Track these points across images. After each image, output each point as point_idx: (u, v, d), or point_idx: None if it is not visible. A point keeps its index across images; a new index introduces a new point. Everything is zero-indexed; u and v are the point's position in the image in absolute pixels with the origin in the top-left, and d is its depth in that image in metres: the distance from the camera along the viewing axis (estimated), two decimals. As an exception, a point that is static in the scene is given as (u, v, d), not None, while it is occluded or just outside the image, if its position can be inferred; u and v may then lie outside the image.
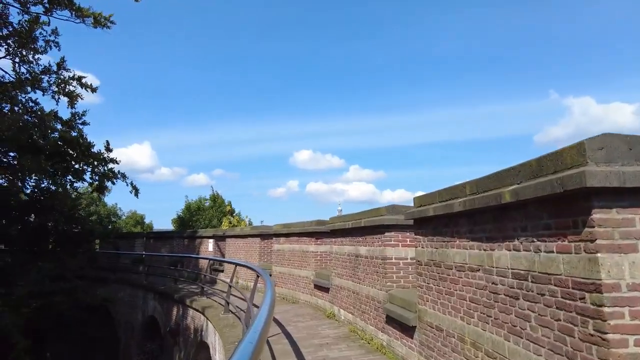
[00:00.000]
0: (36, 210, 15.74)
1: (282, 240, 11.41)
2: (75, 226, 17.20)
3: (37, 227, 15.97)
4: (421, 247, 4.78)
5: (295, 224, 10.80)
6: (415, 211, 4.83)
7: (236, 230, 14.60)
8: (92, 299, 14.64)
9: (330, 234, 8.68)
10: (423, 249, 4.72)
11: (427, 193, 4.70)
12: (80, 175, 15.07)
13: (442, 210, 4.08)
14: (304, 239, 10.16)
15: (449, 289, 4.13)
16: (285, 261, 11.14)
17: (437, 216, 4.29)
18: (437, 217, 4.33)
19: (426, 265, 4.62)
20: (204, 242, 16.77)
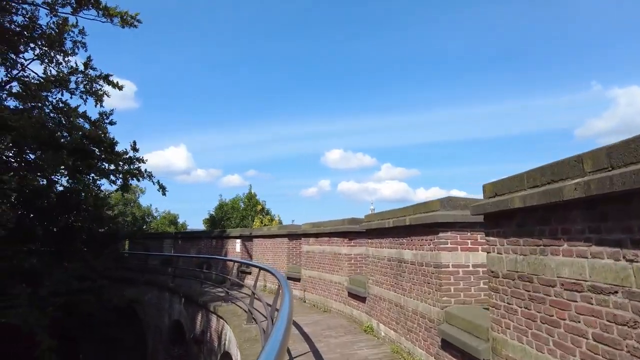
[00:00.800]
0: (63, 210, 15.42)
1: (312, 240, 10.25)
2: (101, 226, 16.82)
3: (64, 227, 15.66)
4: (496, 252, 3.44)
5: (325, 223, 9.60)
6: (487, 203, 3.49)
7: (263, 229, 13.61)
8: (119, 300, 14.07)
9: (366, 234, 7.42)
10: (500, 255, 3.38)
11: (505, 177, 3.36)
12: (104, 173, 14.57)
13: (539, 198, 2.74)
14: (336, 239, 8.94)
15: (548, 315, 2.78)
16: (315, 264, 9.97)
17: (527, 208, 2.95)
18: (526, 210, 2.98)
19: (506, 279, 3.28)
20: (231, 242, 15.91)
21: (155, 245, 21.15)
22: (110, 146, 14.81)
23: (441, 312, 4.62)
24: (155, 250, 20.98)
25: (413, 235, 5.37)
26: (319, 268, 9.76)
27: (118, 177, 15.45)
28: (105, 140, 14.63)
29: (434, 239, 4.80)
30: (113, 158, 14.74)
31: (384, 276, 6.49)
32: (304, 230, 10.66)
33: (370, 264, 7.12)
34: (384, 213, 6.56)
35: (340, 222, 8.85)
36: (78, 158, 13.76)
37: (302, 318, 8.62)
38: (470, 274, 4.66)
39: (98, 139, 14.35)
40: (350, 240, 8.47)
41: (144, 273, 18.49)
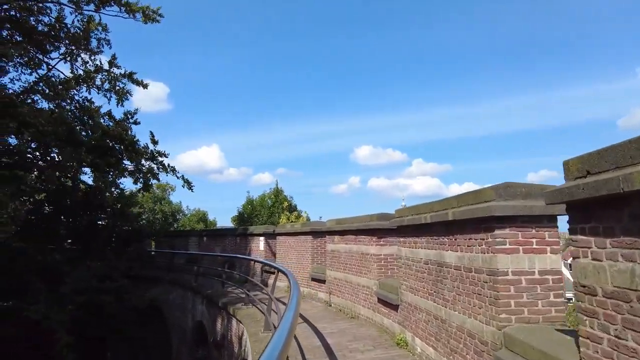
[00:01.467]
0: (86, 208, 15.20)
1: (337, 239, 9.28)
2: (124, 224, 16.55)
3: (87, 225, 15.47)
4: (591, 257, 2.35)
5: (351, 219, 8.60)
6: (576, 186, 2.39)
7: (286, 227, 12.78)
8: (138, 301, 13.64)
9: (398, 231, 6.37)
10: (600, 262, 2.28)
11: (605, 147, 2.26)
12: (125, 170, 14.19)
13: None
14: (363, 237, 7.93)
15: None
16: (341, 265, 9.00)
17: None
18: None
19: (613, 299, 2.18)
20: (255, 240, 15.20)
21: (181, 243, 20.82)
22: (131, 144, 14.43)
23: (497, 332, 3.54)
24: (180, 248, 20.65)
25: (458, 233, 4.29)
26: (345, 269, 8.78)
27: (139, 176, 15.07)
28: (127, 137, 14.24)
29: (486, 237, 3.72)
30: (134, 156, 14.34)
31: (419, 282, 5.43)
32: (328, 227, 9.71)
33: (403, 267, 6.07)
34: (419, 207, 5.49)
35: (368, 217, 7.83)
36: (97, 156, 13.42)
37: (326, 325, 7.68)
38: (537, 284, 3.55)
39: (119, 137, 13.97)
40: (379, 239, 7.44)
41: (169, 272, 18.16)
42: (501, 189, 3.64)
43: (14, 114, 11.14)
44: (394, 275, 7.23)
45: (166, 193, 46.04)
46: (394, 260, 7.34)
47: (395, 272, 7.25)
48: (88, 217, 15.66)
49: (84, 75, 15.84)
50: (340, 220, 9.16)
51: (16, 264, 12.74)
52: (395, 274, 7.21)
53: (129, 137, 14.21)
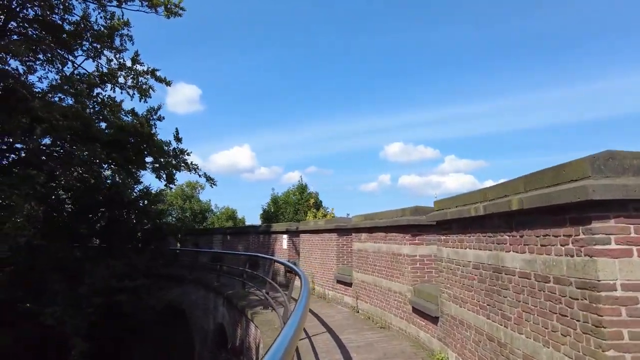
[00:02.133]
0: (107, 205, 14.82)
1: (364, 236, 8.18)
2: (147, 222, 16.10)
3: (107, 223, 15.10)
4: None
5: (380, 214, 7.48)
6: None
7: (309, 224, 11.79)
8: (156, 302, 13.04)
9: (438, 227, 5.21)
10: None
11: None
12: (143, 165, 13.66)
13: None
14: (395, 235, 6.79)
15: None
16: (369, 266, 7.89)
17: None
18: None
19: None
20: (278, 238, 14.32)
21: (206, 241, 20.32)
22: (149, 138, 13.90)
23: (598, 374, 2.36)
24: (205, 246, 20.16)
25: (526, 228, 3.12)
26: (374, 271, 7.67)
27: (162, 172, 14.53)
28: (143, 131, 13.71)
29: (576, 233, 2.54)
30: (154, 151, 13.79)
31: (467, 291, 4.27)
32: (354, 223, 8.62)
33: (445, 271, 4.91)
34: (467, 195, 4.32)
35: (400, 212, 6.68)
36: (114, 151, 12.94)
37: (351, 337, 6.61)
38: (659, 303, 2.34)
39: (135, 131, 13.45)
40: (413, 237, 6.28)
41: (192, 270, 17.65)
42: (600, 161, 2.45)
43: (27, 108, 10.75)
44: (432, 281, 6.06)
45: (196, 191, 46.30)
46: (432, 262, 6.17)
47: (433, 277, 6.08)
48: (109, 215, 15.30)
49: (108, 73, 15.62)
50: (368, 216, 8.05)
51: (37, 262, 12.46)
52: (434, 279, 6.04)
53: (146, 131, 13.67)
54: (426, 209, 6.23)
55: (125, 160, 12.78)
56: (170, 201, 42.74)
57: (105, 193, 14.40)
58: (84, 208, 15.02)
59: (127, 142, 13.22)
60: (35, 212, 10.24)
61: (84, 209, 15.05)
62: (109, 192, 13.46)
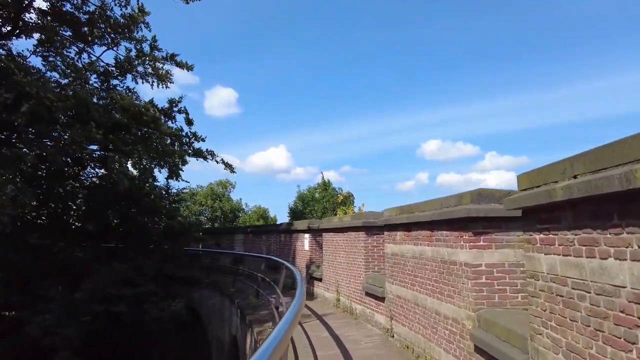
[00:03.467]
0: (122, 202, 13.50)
1: (399, 236, 6.06)
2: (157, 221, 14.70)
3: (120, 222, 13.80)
4: None
5: (423, 205, 5.34)
6: None
7: (333, 221, 9.77)
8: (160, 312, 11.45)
9: (529, 218, 3.05)
10: None
11: None
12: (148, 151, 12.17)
13: None
14: (446, 234, 4.65)
15: None
16: (407, 277, 5.77)
17: None
18: None
19: None
20: (300, 237, 12.44)
21: (227, 241, 18.84)
22: (154, 122, 12.42)
23: None
24: (227, 246, 18.67)
25: None
26: (414, 285, 5.55)
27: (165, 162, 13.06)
28: (149, 115, 12.25)
29: None
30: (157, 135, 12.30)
31: (587, 332, 2.12)
32: (386, 219, 6.52)
33: (545, 296, 2.75)
34: (609, 148, 2.15)
35: (453, 199, 4.53)
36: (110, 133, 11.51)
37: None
38: None
39: (137, 114, 12.00)
40: (475, 236, 4.12)
41: (209, 273, 16.13)
42: None
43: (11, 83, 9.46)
44: (507, 304, 3.89)
45: (227, 190, 45.48)
46: (506, 276, 4.00)
47: (510, 299, 3.91)
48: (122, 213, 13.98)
49: (125, 62, 14.69)
50: (406, 208, 5.93)
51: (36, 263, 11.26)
52: (514, 304, 3.88)
53: (151, 115, 12.19)
54: (495, 192, 4.07)
55: (125, 145, 11.31)
56: (201, 201, 42.17)
57: (119, 190, 13.01)
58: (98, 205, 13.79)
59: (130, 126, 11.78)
60: (21, 193, 8.87)
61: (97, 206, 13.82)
62: (125, 187, 12.01)
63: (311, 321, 7.93)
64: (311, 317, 8.28)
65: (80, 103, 10.92)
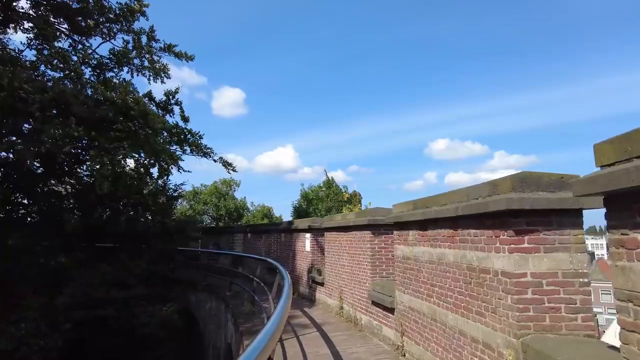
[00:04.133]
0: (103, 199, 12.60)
1: (412, 236, 5.03)
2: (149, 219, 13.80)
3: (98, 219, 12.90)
4: None
5: (443, 197, 4.30)
6: None
7: (336, 218, 8.75)
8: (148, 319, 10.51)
9: (609, 212, 2.02)
10: None
11: None
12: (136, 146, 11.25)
13: None
14: (474, 232, 3.62)
15: None
16: (422, 286, 4.74)
17: None
18: None
19: None
20: (301, 237, 11.45)
21: (226, 241, 17.91)
22: (143, 115, 11.49)
23: None
24: (225, 246, 17.74)
25: None
26: (431, 295, 4.52)
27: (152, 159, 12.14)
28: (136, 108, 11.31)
29: None
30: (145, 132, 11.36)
31: None
32: (396, 215, 5.48)
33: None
34: None
35: (486, 188, 3.49)
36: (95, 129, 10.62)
37: None
38: None
39: (123, 107, 11.07)
40: (518, 236, 3.09)
41: (207, 275, 15.22)
42: None
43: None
44: (563, 329, 2.86)
45: (231, 189, 44.65)
46: (560, 290, 2.97)
47: (566, 323, 2.88)
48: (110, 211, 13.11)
49: (120, 53, 13.93)
50: (420, 202, 4.89)
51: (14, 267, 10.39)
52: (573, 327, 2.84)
53: (141, 107, 11.26)
54: (544, 177, 3.04)
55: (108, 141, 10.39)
56: (205, 200, 41.38)
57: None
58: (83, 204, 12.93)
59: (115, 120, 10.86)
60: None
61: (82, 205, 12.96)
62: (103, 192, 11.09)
63: (310, 333, 6.94)
64: (310, 328, 7.29)
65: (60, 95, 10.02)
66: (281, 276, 5.93)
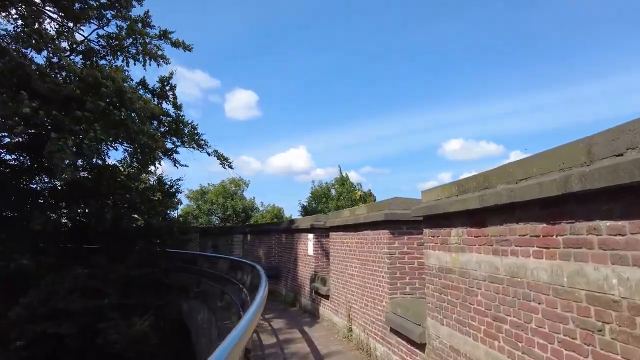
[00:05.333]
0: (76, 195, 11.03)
1: (457, 236, 3.18)
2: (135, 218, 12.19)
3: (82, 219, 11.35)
4: None
5: (516, 166, 2.46)
6: None
7: (342, 215, 6.90)
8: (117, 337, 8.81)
9: None
10: None
11: None
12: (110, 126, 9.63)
13: None
14: (607, 226, 1.77)
15: None
16: (477, 317, 2.89)
17: None
18: None
19: None
20: (302, 238, 9.67)
21: (225, 243, 16.25)
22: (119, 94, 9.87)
23: None
24: (224, 248, 16.08)
25: None
26: (497, 336, 2.66)
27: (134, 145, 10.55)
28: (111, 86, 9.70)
29: None
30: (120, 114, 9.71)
31: None
32: (428, 206, 3.64)
33: None
34: None
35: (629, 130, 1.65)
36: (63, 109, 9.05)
37: None
38: None
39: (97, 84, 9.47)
40: None
41: (200, 281, 13.55)
42: None
43: None
44: None
45: (239, 188, 43.14)
46: None
47: None
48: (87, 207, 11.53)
49: (113, 36, 12.69)
50: (471, 181, 3.05)
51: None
52: None
53: (116, 86, 9.64)
54: None
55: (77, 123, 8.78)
56: (212, 199, 39.92)
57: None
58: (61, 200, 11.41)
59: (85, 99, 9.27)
60: None
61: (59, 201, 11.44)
62: (69, 178, 9.47)
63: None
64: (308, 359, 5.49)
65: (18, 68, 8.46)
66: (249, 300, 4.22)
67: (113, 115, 9.38)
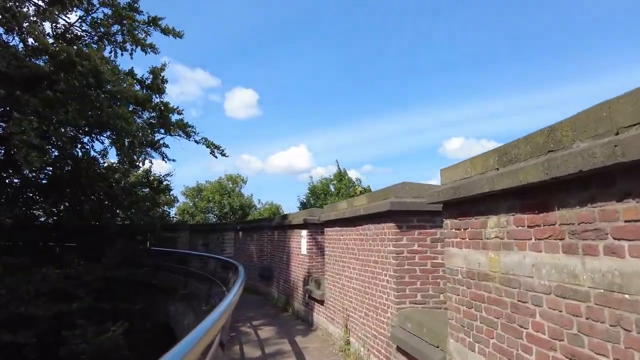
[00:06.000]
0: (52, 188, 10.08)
1: (497, 226, 2.20)
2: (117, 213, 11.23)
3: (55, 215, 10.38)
4: None
5: (619, 102, 1.47)
6: None
7: (339, 207, 5.89)
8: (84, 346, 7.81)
9: None
10: None
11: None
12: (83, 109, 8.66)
13: None
14: None
15: None
16: (534, 347, 1.92)
17: None
18: None
19: None
20: (295, 234, 8.69)
21: (216, 240, 15.27)
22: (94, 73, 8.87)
23: None
24: (216, 246, 15.10)
25: None
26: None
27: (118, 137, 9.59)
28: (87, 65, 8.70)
29: None
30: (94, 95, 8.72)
31: None
32: (452, 187, 2.66)
33: None
34: None
35: None
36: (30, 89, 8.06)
37: None
38: None
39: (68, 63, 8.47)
40: None
41: (187, 282, 12.58)
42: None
43: None
44: None
45: (237, 186, 42.11)
46: None
47: None
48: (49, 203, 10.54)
49: (98, 22, 11.81)
50: (518, 146, 2.06)
51: None
52: None
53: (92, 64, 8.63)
54: None
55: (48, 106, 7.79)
56: (208, 197, 38.91)
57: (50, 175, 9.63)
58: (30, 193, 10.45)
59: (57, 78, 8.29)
60: None
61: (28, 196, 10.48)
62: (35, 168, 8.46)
63: None
64: None
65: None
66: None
67: (88, 97, 8.39)
